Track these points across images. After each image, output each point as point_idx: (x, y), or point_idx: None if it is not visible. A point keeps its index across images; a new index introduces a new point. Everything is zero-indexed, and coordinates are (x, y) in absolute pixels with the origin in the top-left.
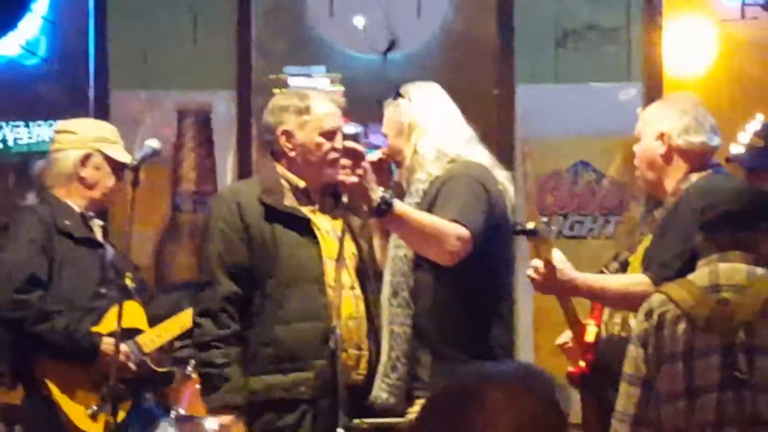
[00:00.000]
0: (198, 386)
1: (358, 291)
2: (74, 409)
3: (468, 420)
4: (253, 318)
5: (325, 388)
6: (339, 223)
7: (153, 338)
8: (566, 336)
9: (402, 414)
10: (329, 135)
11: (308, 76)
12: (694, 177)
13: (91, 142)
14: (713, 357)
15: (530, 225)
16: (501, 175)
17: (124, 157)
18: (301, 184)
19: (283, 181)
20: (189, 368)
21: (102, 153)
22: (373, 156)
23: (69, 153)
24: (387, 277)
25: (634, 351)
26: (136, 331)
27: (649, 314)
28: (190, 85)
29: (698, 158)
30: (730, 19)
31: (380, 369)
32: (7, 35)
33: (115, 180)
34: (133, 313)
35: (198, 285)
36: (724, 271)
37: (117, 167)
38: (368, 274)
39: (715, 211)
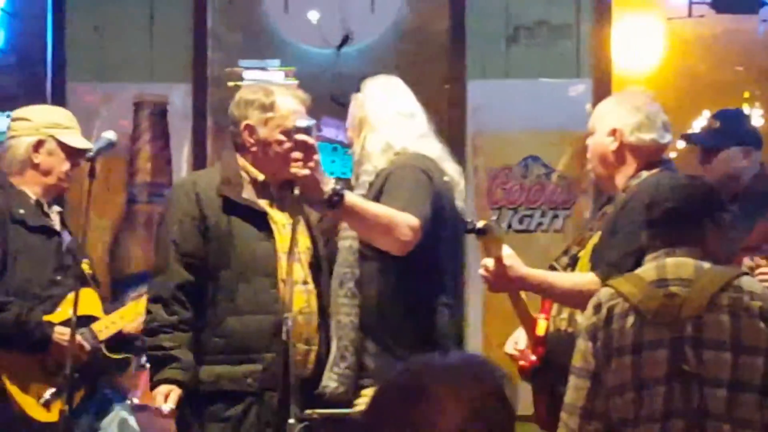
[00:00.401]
0: None
1: (311, 286)
2: (26, 399)
3: (416, 412)
4: (206, 308)
5: (273, 381)
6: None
7: (108, 325)
8: (512, 343)
9: (350, 403)
10: (289, 132)
11: (263, 69)
12: (645, 174)
13: (44, 128)
14: (661, 350)
15: (480, 224)
16: (451, 168)
17: (77, 142)
18: (261, 177)
19: (243, 173)
20: (144, 358)
21: (55, 138)
22: None
23: (23, 140)
24: (335, 268)
25: (582, 344)
26: (92, 319)
27: (597, 308)
28: (146, 77)
29: (649, 155)
30: (677, 17)
31: (330, 359)
32: None
33: (69, 165)
34: (89, 301)
35: (152, 273)
36: (671, 265)
37: (71, 153)
38: (322, 269)
39: (660, 208)
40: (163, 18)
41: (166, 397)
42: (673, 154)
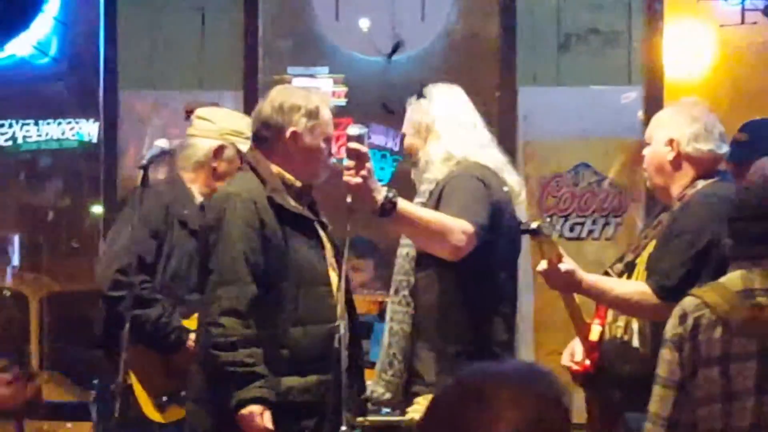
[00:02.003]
0: None
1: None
2: (145, 397)
3: (471, 418)
4: (266, 320)
5: (337, 389)
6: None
7: None
8: (568, 355)
9: (396, 407)
10: (330, 140)
11: (312, 76)
12: (700, 184)
13: (226, 134)
14: (750, 362)
15: (534, 224)
16: (511, 178)
17: None
18: (297, 183)
19: (280, 181)
20: None
21: (236, 147)
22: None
23: (203, 141)
24: (393, 275)
25: (668, 354)
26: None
27: (683, 318)
28: (197, 85)
29: (706, 165)
30: (729, 23)
31: (378, 364)
32: (19, 35)
33: None
34: None
35: (215, 283)
36: (757, 275)
37: None
38: (347, 274)
39: (740, 226)
40: (213, 26)
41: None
42: None
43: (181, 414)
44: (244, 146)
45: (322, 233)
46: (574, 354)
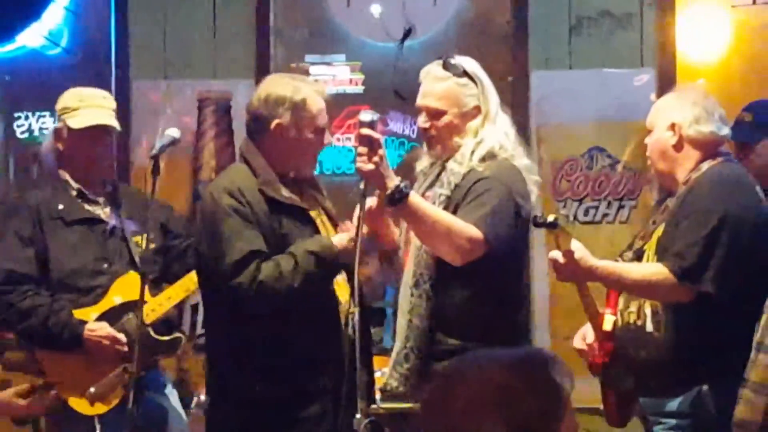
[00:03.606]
0: None
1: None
2: (71, 394)
3: (436, 396)
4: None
5: (343, 376)
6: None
7: (155, 307)
8: (580, 338)
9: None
10: (320, 131)
11: (329, 64)
12: (705, 166)
13: (60, 114)
14: None
15: (550, 218)
16: (530, 176)
17: (78, 122)
18: (290, 174)
19: (272, 172)
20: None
21: (65, 122)
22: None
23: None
24: (410, 267)
25: None
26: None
27: None
28: (210, 74)
29: (708, 147)
30: (742, 4)
31: (393, 356)
32: (30, 26)
33: (93, 147)
34: (133, 285)
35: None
36: None
37: (89, 133)
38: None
39: None
40: (225, 14)
41: None
42: None
43: (109, 406)
44: (73, 120)
45: (321, 221)
46: (585, 337)
